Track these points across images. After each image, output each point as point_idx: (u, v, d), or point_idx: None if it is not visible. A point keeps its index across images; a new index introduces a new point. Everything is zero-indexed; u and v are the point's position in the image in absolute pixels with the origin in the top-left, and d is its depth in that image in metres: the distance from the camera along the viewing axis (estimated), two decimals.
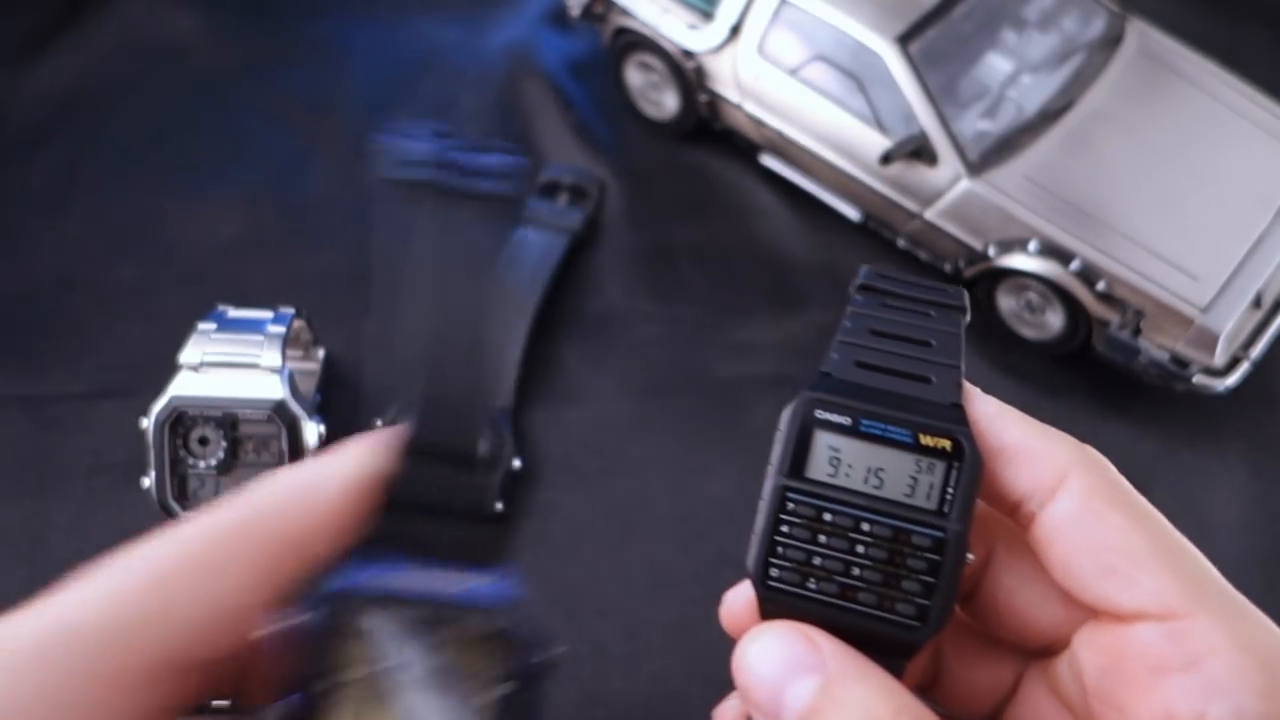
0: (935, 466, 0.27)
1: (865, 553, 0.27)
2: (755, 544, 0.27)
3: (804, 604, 0.27)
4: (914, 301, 0.30)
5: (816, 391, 0.28)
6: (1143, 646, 0.25)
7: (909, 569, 0.26)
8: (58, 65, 0.75)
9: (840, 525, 0.27)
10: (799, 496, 0.27)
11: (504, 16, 0.80)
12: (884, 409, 0.27)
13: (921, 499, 0.27)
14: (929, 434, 0.27)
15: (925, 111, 0.62)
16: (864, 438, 0.27)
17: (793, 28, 0.65)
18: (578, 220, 0.67)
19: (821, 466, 0.27)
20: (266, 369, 0.52)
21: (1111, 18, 0.68)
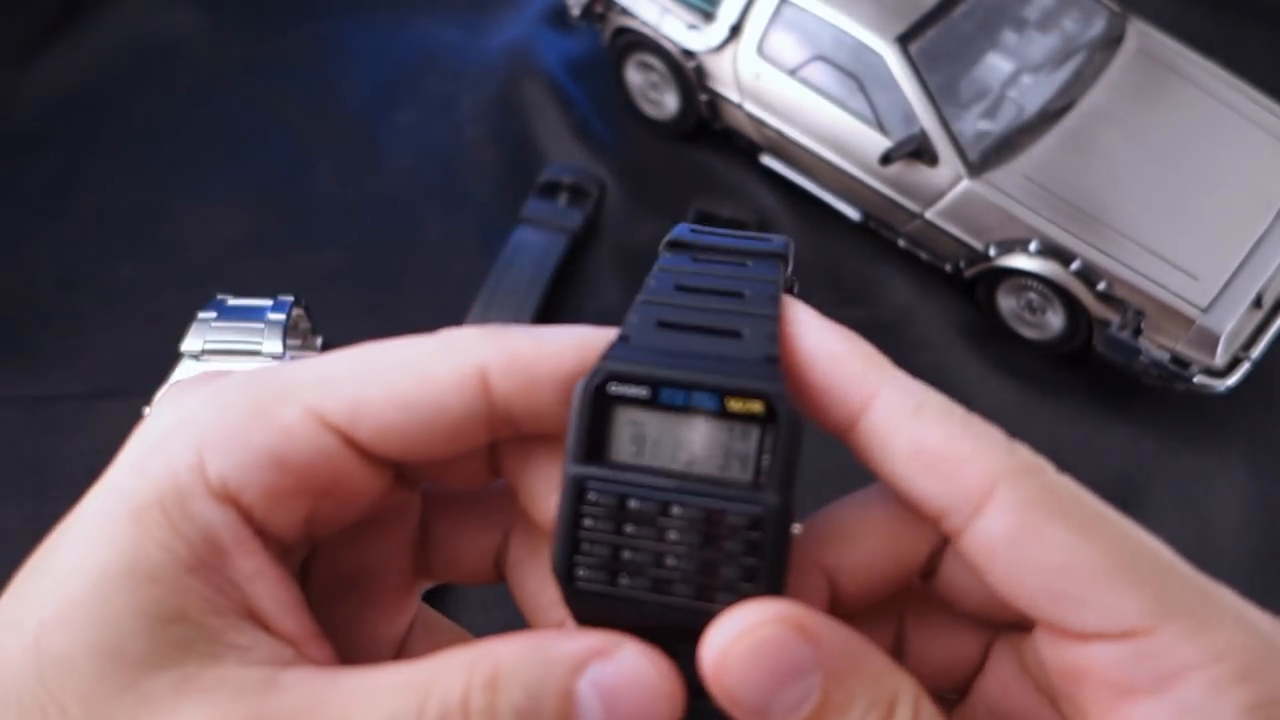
0: (749, 433, 0.24)
1: (678, 539, 0.24)
2: (557, 543, 0.24)
3: (618, 604, 0.24)
4: (727, 252, 0.27)
5: (611, 362, 0.24)
6: (1105, 667, 0.23)
7: (726, 552, 0.24)
8: (58, 65, 0.75)
9: (647, 512, 0.24)
10: (599, 484, 0.24)
11: (504, 16, 0.80)
12: (685, 375, 0.24)
13: (736, 472, 0.24)
14: (736, 397, 0.24)
15: (925, 111, 0.62)
16: (667, 410, 0.24)
17: (793, 27, 0.65)
18: (578, 220, 0.67)
19: (624, 446, 0.24)
20: (267, 356, 0.52)
21: (1112, 18, 0.68)
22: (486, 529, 0.29)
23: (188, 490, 0.23)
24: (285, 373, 0.25)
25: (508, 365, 0.24)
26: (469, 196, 0.71)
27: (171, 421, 0.24)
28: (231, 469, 0.23)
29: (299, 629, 0.24)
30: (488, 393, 0.24)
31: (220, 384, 0.25)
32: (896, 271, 0.67)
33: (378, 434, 0.24)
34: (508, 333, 0.25)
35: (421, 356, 0.25)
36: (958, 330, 0.66)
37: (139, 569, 0.22)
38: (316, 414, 0.24)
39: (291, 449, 0.24)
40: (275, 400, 0.24)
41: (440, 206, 0.70)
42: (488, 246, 0.66)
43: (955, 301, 0.66)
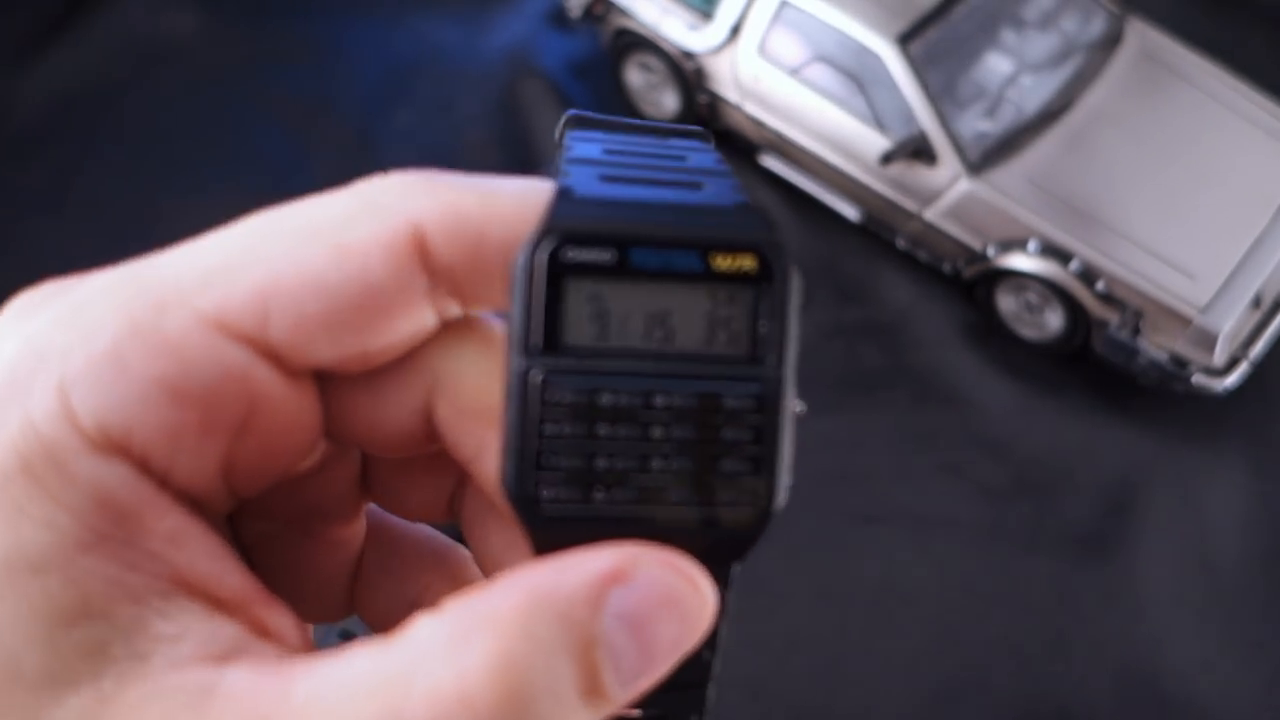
0: (737, 295, 0.20)
1: (665, 435, 0.20)
2: (510, 459, 0.19)
3: (595, 526, 0.19)
4: (643, 131, 0.23)
5: (560, 219, 0.19)
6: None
7: (727, 443, 0.20)
8: (58, 65, 0.75)
9: (625, 406, 0.20)
10: (561, 378, 0.19)
11: (504, 16, 0.80)
12: (660, 229, 0.20)
13: (724, 344, 0.20)
14: (724, 251, 0.20)
15: (925, 112, 0.62)
16: (636, 275, 0.19)
17: (793, 28, 0.65)
18: None
19: (584, 327, 0.20)
20: None
21: (1111, 18, 0.68)
22: (438, 471, 0.24)
23: (58, 445, 0.17)
24: (162, 268, 0.19)
25: (450, 225, 0.19)
26: None
27: (17, 355, 0.18)
28: (110, 409, 0.18)
29: (246, 589, 0.19)
30: (427, 259, 0.19)
31: (74, 296, 0.19)
32: (896, 271, 0.68)
33: (294, 331, 0.19)
34: (444, 182, 0.20)
35: (336, 220, 0.19)
36: (957, 330, 0.66)
37: (17, 559, 0.17)
38: (212, 318, 0.18)
39: (186, 372, 0.18)
40: (153, 308, 0.18)
41: None
42: None
43: (954, 301, 0.66)
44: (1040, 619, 0.56)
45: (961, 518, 0.58)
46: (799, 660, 0.54)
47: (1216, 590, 0.57)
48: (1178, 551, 0.58)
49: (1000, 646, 0.54)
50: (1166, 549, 0.58)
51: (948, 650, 0.54)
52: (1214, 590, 0.57)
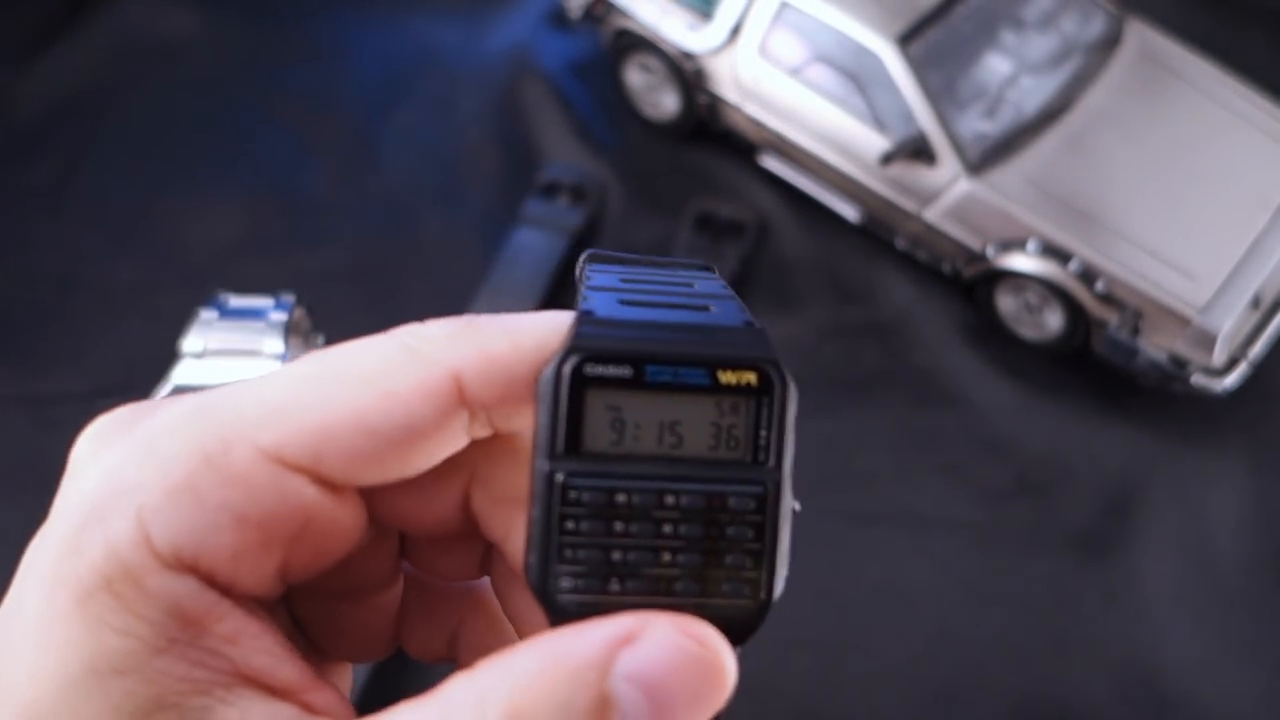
0: (740, 406, 0.22)
1: (675, 532, 0.22)
2: (534, 552, 0.22)
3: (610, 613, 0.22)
4: (654, 264, 0.25)
5: (582, 339, 0.22)
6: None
7: (731, 540, 0.22)
8: (58, 65, 0.75)
9: (640, 505, 0.22)
10: (582, 480, 0.22)
11: (504, 17, 0.80)
12: (671, 348, 0.22)
13: (728, 449, 0.22)
14: (729, 369, 0.22)
15: (925, 112, 0.62)
16: (649, 389, 0.22)
17: (793, 29, 0.65)
18: (578, 220, 0.67)
19: (602, 434, 0.22)
20: (269, 356, 0.52)
21: (1110, 19, 0.68)
22: (469, 540, 0.26)
23: (137, 567, 0.20)
24: (226, 405, 0.22)
25: (484, 369, 0.22)
26: (469, 197, 0.71)
27: (100, 483, 0.21)
28: (183, 535, 0.20)
29: (297, 677, 0.22)
30: (464, 401, 0.22)
31: (147, 428, 0.22)
32: (895, 272, 0.68)
33: (347, 465, 0.22)
34: (477, 329, 0.22)
35: (383, 367, 0.22)
36: (956, 330, 0.66)
37: (101, 664, 0.20)
38: (273, 454, 0.21)
39: (250, 500, 0.21)
40: (221, 443, 0.21)
41: (440, 206, 0.70)
42: (488, 246, 0.67)
43: (954, 302, 0.66)
44: (1040, 619, 0.56)
45: (961, 518, 0.58)
46: (799, 660, 0.54)
47: (1216, 590, 0.57)
48: (1178, 551, 0.58)
49: (1000, 646, 0.54)
50: (1166, 549, 0.58)
51: (947, 650, 0.54)
52: (1214, 590, 0.57)
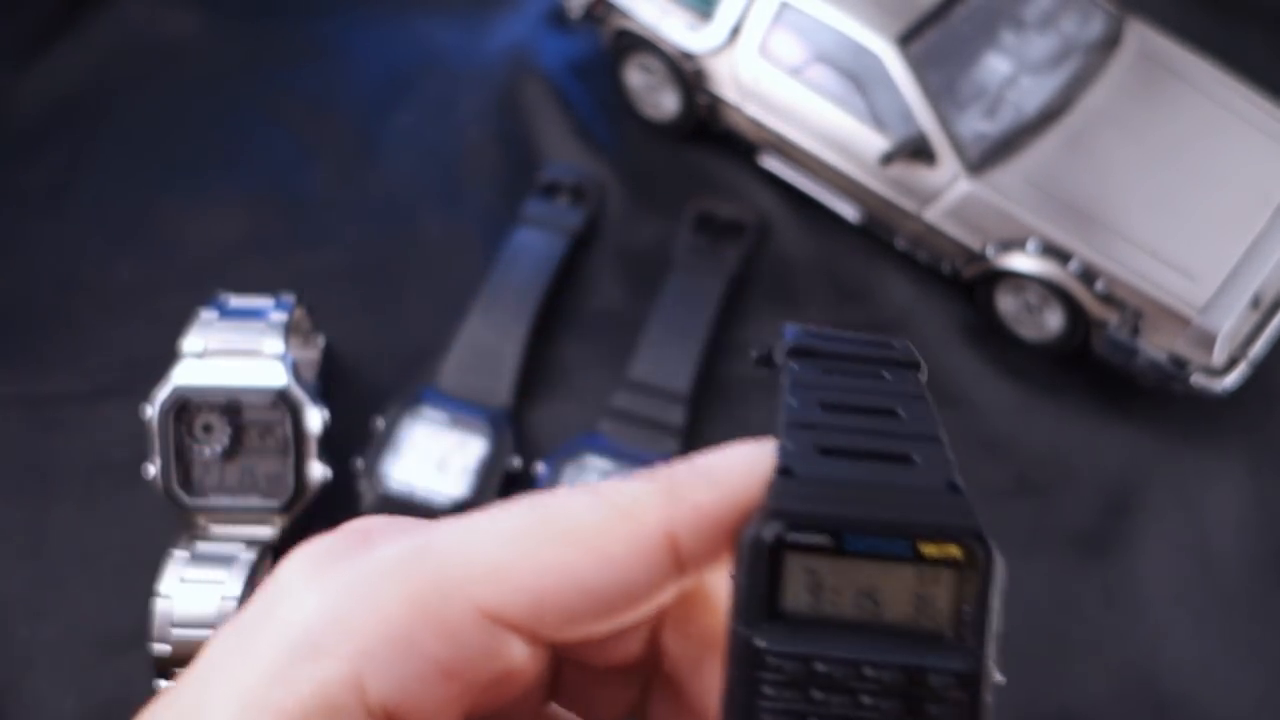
0: (941, 577, 0.21)
1: (873, 705, 0.21)
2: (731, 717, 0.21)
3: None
4: (860, 360, 0.24)
5: (785, 503, 0.21)
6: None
7: (929, 716, 0.21)
8: (58, 65, 0.75)
9: (838, 676, 0.21)
10: (779, 646, 0.21)
11: (504, 17, 0.80)
12: (872, 517, 0.21)
13: (930, 620, 0.21)
14: (931, 541, 0.21)
15: (924, 112, 0.62)
16: (850, 556, 0.21)
17: (793, 29, 0.65)
18: (578, 220, 0.67)
19: (800, 596, 0.21)
20: (269, 356, 0.52)
21: (1110, 19, 0.68)
22: (629, 677, 0.26)
23: (344, 710, 0.21)
24: (442, 553, 0.22)
25: (695, 527, 0.22)
26: (469, 197, 0.71)
27: (319, 614, 0.21)
28: (394, 687, 0.21)
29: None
30: (678, 561, 0.22)
31: (369, 566, 0.22)
32: (895, 272, 0.68)
33: (561, 626, 0.22)
34: (683, 483, 0.22)
35: (596, 528, 0.22)
36: (956, 330, 0.66)
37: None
38: (493, 613, 0.21)
39: (460, 655, 0.21)
40: (439, 595, 0.21)
41: (440, 207, 0.70)
42: (488, 246, 0.67)
43: (954, 302, 0.66)
44: (1040, 619, 0.56)
45: None
46: None
47: (1216, 590, 0.57)
48: (1178, 551, 0.58)
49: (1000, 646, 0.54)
50: (1166, 549, 0.58)
51: None
52: (1214, 590, 0.57)
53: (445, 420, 0.58)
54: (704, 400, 0.62)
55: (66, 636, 0.53)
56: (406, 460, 0.57)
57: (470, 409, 0.59)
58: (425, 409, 0.59)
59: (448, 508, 0.55)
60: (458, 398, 0.60)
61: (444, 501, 0.56)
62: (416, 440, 0.58)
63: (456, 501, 0.56)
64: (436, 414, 0.59)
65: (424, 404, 0.59)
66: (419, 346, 0.63)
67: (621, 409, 0.60)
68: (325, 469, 0.53)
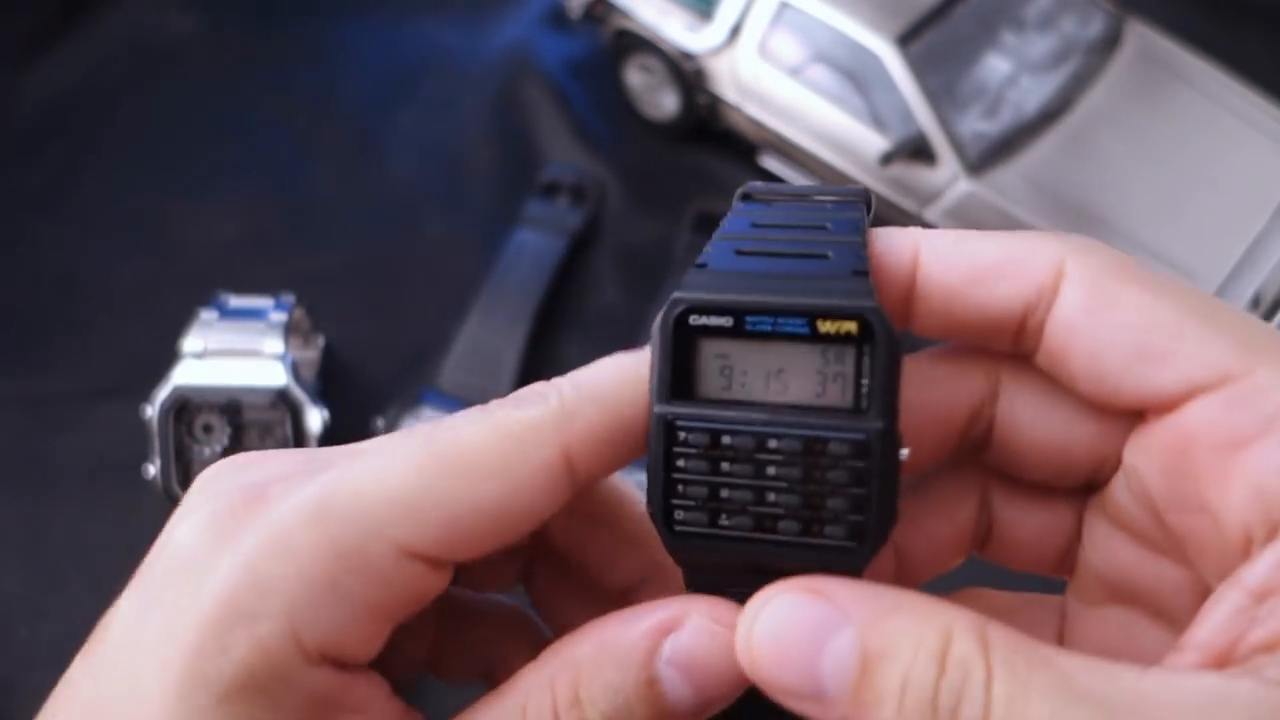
0: (844, 354, 0.23)
1: (778, 474, 0.23)
2: (651, 486, 0.23)
3: (720, 544, 0.23)
4: (805, 198, 0.26)
5: (688, 290, 0.23)
6: (1206, 425, 0.22)
7: (832, 484, 0.22)
8: (58, 65, 0.75)
9: (744, 448, 0.23)
10: (690, 423, 0.23)
11: (504, 17, 0.80)
12: (768, 297, 0.23)
13: (834, 397, 0.23)
14: (827, 318, 0.22)
15: (924, 112, 0.62)
16: (753, 338, 0.23)
17: (792, 29, 0.65)
18: (578, 220, 0.67)
19: (713, 381, 0.23)
20: (269, 356, 0.53)
21: (1110, 19, 0.68)
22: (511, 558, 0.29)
23: (284, 664, 0.22)
24: (351, 498, 0.23)
25: (588, 444, 0.23)
26: (469, 196, 0.71)
27: (240, 580, 0.22)
28: (330, 634, 0.22)
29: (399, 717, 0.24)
30: (574, 476, 0.24)
31: (276, 521, 0.22)
32: None
33: (474, 552, 0.23)
34: (572, 405, 0.24)
35: (498, 458, 0.23)
36: None
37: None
38: (411, 549, 0.22)
39: (387, 593, 0.23)
40: (358, 539, 0.22)
41: (440, 206, 0.70)
42: (488, 246, 0.67)
43: None
44: None
45: None
46: None
47: None
48: None
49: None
50: None
51: None
52: None
53: None
54: None
55: (66, 636, 0.53)
56: None
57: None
58: (425, 409, 0.59)
59: None
60: (458, 398, 0.60)
61: None
62: None
63: None
64: (436, 414, 0.59)
65: (424, 404, 0.59)
66: (419, 346, 0.63)
67: None
68: None
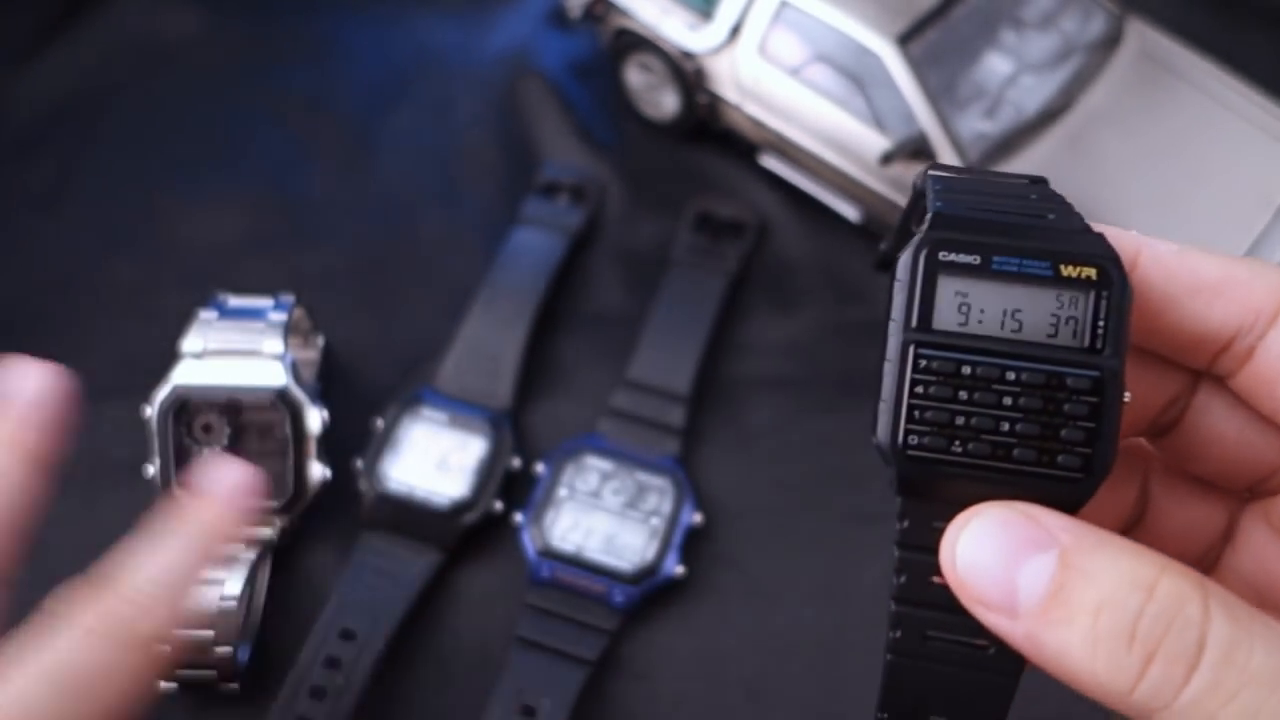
0: (1079, 300, 0.24)
1: (1016, 404, 0.24)
2: (886, 412, 0.25)
3: (952, 470, 0.24)
4: (991, 175, 0.28)
5: (937, 229, 0.25)
6: None
7: (1067, 415, 0.24)
8: (57, 65, 0.75)
9: (984, 378, 0.24)
10: (932, 351, 0.24)
11: (504, 16, 0.80)
12: (1017, 240, 0.24)
13: (1068, 338, 0.24)
14: (1071, 263, 0.24)
15: (925, 112, 0.62)
16: (996, 277, 0.24)
17: (793, 28, 0.65)
18: (578, 220, 0.67)
19: (950, 315, 0.24)
20: (269, 356, 0.53)
21: (1110, 18, 0.68)
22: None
23: None
24: None
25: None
26: (468, 196, 0.71)
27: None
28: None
29: None
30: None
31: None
32: None
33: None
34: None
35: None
36: None
37: None
38: None
39: None
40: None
41: (440, 206, 0.70)
42: (488, 246, 0.67)
43: None
44: None
45: None
46: (799, 660, 0.54)
47: None
48: None
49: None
50: None
51: None
52: None
53: (445, 420, 0.58)
54: (704, 400, 0.62)
55: None
56: (406, 460, 0.57)
57: (470, 409, 0.59)
58: (425, 409, 0.59)
59: (447, 507, 0.56)
60: (457, 398, 0.60)
61: (443, 501, 0.56)
62: (416, 440, 0.58)
63: (456, 501, 0.56)
64: (436, 414, 0.59)
65: (423, 404, 0.59)
66: (419, 346, 0.63)
67: (621, 409, 0.60)
68: (325, 469, 0.53)
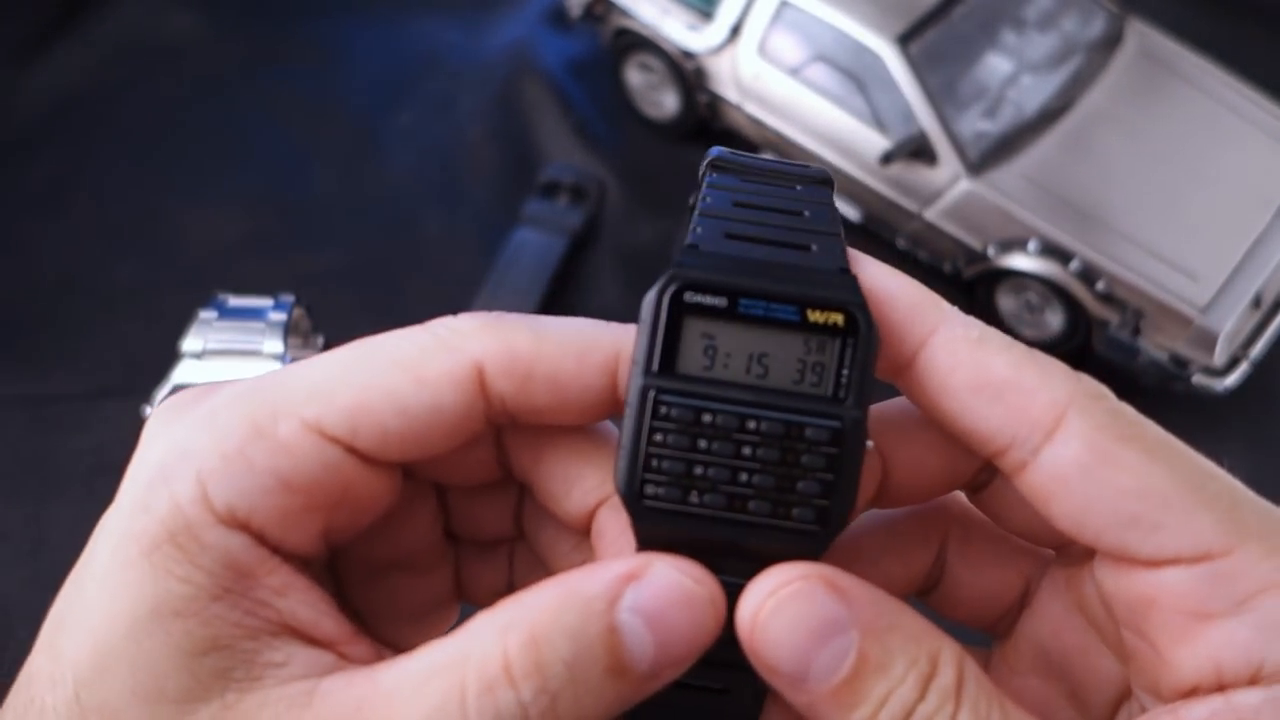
0: (826, 345, 0.24)
1: (754, 454, 0.23)
2: (624, 458, 0.23)
3: (686, 522, 0.23)
4: (775, 175, 0.27)
5: (687, 269, 0.24)
6: (1178, 592, 0.22)
7: (805, 467, 0.23)
8: (58, 65, 0.75)
9: (723, 426, 0.23)
10: (672, 397, 0.23)
11: (504, 16, 0.80)
12: (765, 284, 0.24)
13: (811, 385, 0.24)
14: (818, 308, 0.23)
15: (925, 112, 0.62)
16: (743, 320, 0.24)
17: (793, 28, 0.65)
18: (578, 220, 0.67)
19: (695, 359, 0.24)
20: (268, 356, 0.52)
21: (1111, 18, 0.68)
22: (503, 496, 0.29)
23: (197, 522, 0.23)
24: (276, 385, 0.24)
25: (506, 364, 0.24)
26: (469, 196, 0.71)
27: (167, 451, 0.24)
28: (237, 496, 0.23)
29: (337, 631, 0.24)
30: (485, 390, 0.24)
31: (210, 403, 0.24)
32: None
33: (378, 440, 0.24)
34: (506, 325, 0.24)
35: (416, 355, 0.24)
36: None
37: (164, 607, 0.22)
38: (315, 427, 0.23)
39: (294, 467, 0.23)
40: (270, 417, 0.23)
41: (440, 206, 0.70)
42: (488, 246, 0.67)
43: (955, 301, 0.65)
44: None
45: None
46: None
47: None
48: None
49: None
50: None
51: None
52: None
53: None
54: None
55: None
56: None
57: None
58: None
59: None
60: None
61: None
62: None
63: None
64: None
65: None
66: None
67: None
68: None
